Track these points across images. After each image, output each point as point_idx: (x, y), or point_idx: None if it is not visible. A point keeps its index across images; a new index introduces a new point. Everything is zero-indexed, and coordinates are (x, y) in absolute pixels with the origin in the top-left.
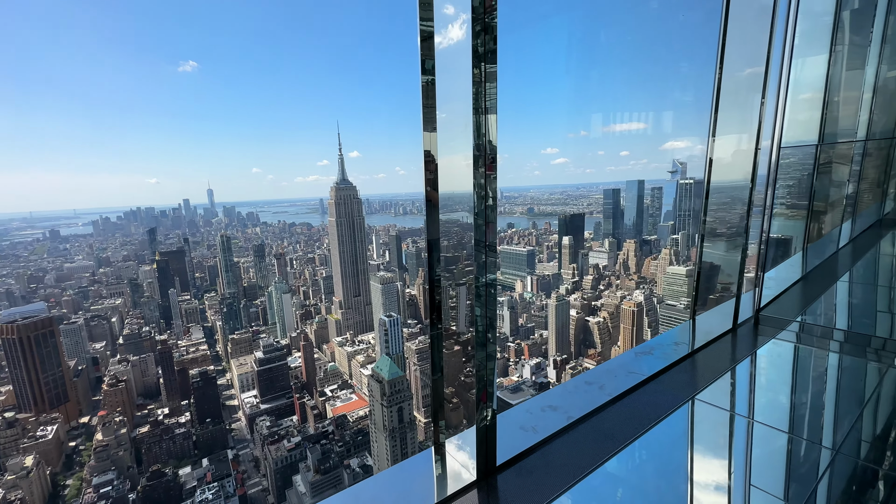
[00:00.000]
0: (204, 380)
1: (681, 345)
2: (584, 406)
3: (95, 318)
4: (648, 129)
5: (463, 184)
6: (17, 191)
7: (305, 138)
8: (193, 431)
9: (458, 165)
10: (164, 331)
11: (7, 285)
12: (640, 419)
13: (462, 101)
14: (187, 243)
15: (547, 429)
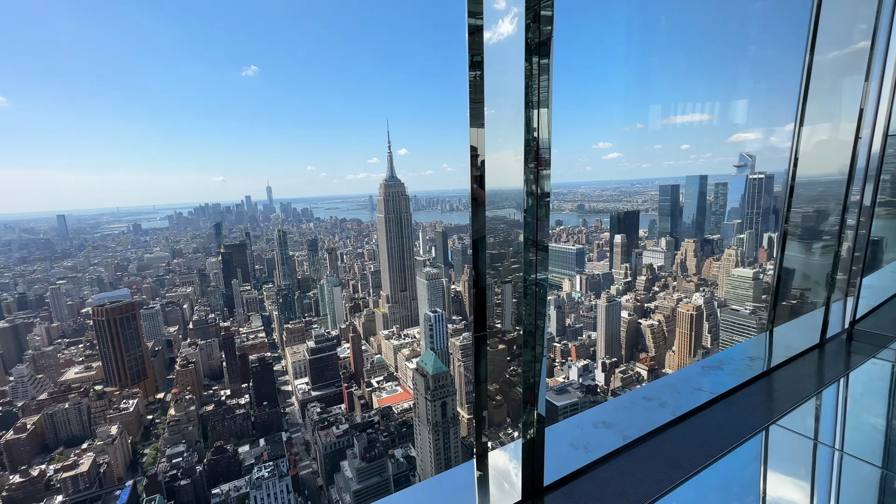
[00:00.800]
0: (262, 365)
1: (756, 360)
2: (642, 425)
3: (170, 304)
4: (713, 121)
5: (511, 180)
6: (107, 188)
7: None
8: (252, 413)
9: (506, 161)
10: (227, 318)
11: (98, 273)
12: (709, 444)
13: (511, 95)
14: (248, 237)
15: (600, 448)
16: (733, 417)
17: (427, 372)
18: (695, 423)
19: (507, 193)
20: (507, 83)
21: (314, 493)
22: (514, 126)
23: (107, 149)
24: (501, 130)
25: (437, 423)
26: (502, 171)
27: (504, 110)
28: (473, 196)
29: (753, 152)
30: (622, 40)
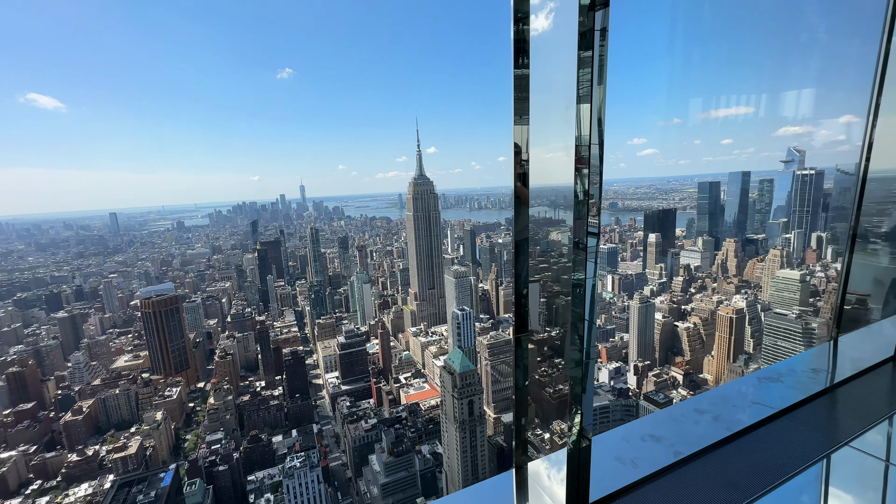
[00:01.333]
0: (294, 359)
1: (819, 372)
2: (695, 440)
3: (210, 298)
4: (759, 114)
5: (559, 178)
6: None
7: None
8: (285, 404)
9: (548, 159)
10: (262, 312)
11: (145, 267)
12: (771, 465)
13: (555, 91)
14: (283, 234)
15: (649, 463)
16: (797, 436)
17: (454, 370)
18: (753, 440)
19: (554, 191)
20: (551, 79)
21: (343, 485)
22: (564, 122)
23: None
24: (549, 127)
25: (464, 421)
26: (550, 168)
27: (546, 106)
28: (517, 195)
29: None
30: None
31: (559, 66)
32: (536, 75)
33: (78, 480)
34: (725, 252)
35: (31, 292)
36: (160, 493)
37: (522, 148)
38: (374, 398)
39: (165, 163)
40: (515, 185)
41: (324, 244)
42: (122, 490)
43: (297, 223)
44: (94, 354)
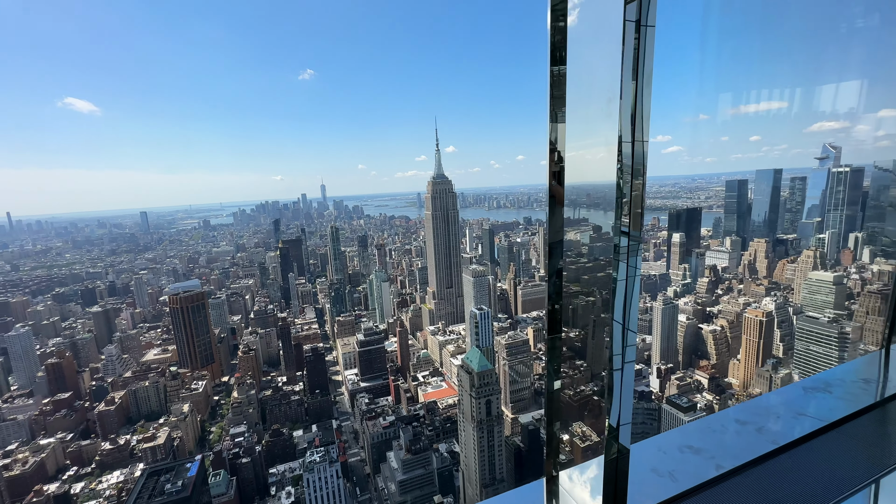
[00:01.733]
0: (315, 355)
1: (870, 383)
2: (738, 453)
3: (234, 294)
4: (793, 109)
5: (593, 176)
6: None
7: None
8: (305, 400)
9: (586, 157)
10: (284, 309)
11: (173, 264)
12: (821, 482)
13: (594, 88)
14: (304, 233)
15: (689, 477)
16: (847, 452)
17: (472, 369)
18: (801, 455)
19: (592, 189)
20: (595, 74)
21: (362, 480)
22: (604, 118)
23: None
24: (588, 125)
25: (482, 420)
26: (587, 166)
27: (581, 103)
28: (552, 194)
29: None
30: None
31: (599, 61)
32: (574, 72)
33: (111, 468)
34: (754, 252)
35: (68, 287)
36: (186, 482)
37: (558, 146)
38: (393, 395)
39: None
40: (550, 183)
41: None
42: (151, 478)
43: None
44: (126, 348)
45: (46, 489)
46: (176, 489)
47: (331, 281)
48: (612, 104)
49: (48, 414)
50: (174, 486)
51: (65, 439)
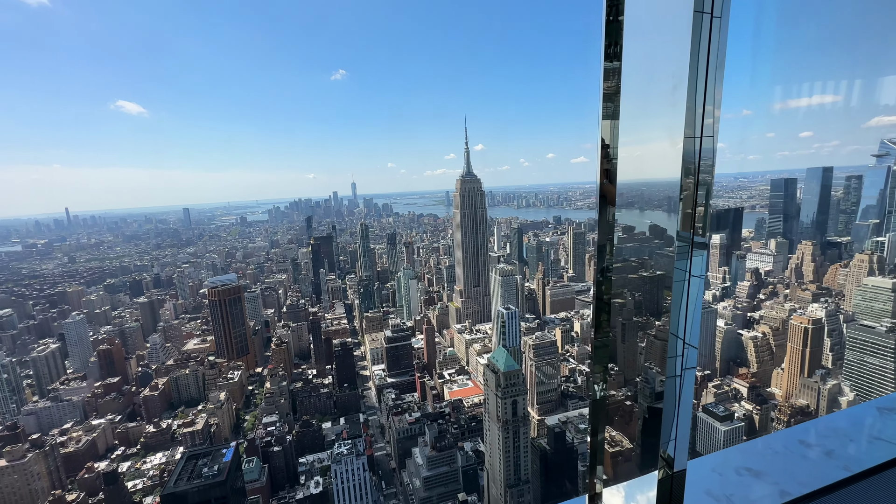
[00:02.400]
0: (344, 350)
1: None
2: (805, 479)
3: (268, 289)
4: (849, 102)
5: (651, 173)
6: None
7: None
8: (334, 393)
9: (641, 154)
10: (314, 304)
11: (213, 259)
12: None
13: (655, 82)
14: (335, 230)
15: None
16: None
17: (498, 369)
18: (878, 485)
19: (649, 187)
20: (657, 67)
21: (387, 475)
22: (667, 113)
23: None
24: (646, 121)
25: (507, 421)
26: (645, 163)
27: (650, 98)
28: (602, 193)
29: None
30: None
31: (662, 54)
32: (631, 67)
33: (154, 450)
34: (801, 256)
35: (117, 279)
36: (222, 467)
37: (611, 143)
38: (419, 392)
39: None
40: (601, 182)
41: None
42: (190, 462)
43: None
44: (169, 337)
45: (97, 466)
46: (212, 473)
47: (360, 277)
48: (677, 97)
49: (99, 396)
50: (210, 470)
51: (114, 421)
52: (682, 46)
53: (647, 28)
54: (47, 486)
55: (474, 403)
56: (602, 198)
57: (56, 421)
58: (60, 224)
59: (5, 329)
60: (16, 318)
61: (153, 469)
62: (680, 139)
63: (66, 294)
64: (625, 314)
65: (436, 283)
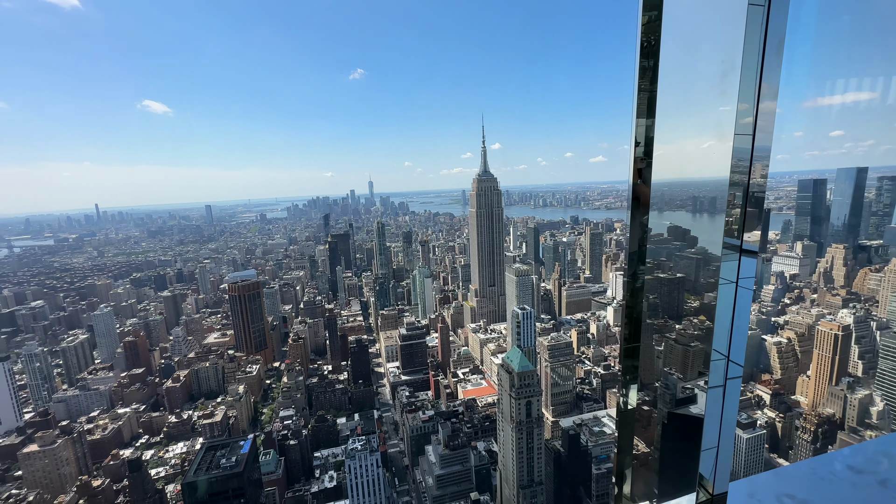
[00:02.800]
0: (359, 346)
1: None
2: None
3: (286, 285)
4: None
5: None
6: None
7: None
8: (349, 389)
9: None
10: (331, 301)
11: (233, 255)
12: None
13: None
14: (352, 228)
15: None
16: None
17: (513, 369)
18: None
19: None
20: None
21: (400, 471)
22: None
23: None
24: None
25: (521, 421)
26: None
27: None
28: (635, 195)
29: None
30: None
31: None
32: (669, 63)
33: (175, 439)
34: (830, 259)
35: (143, 273)
36: (240, 459)
37: (644, 142)
38: (432, 390)
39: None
40: (634, 183)
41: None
42: (209, 452)
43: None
44: (190, 330)
45: (122, 454)
46: (230, 464)
47: (376, 275)
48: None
49: (125, 386)
50: (229, 461)
51: (138, 410)
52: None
53: (690, 21)
54: (75, 471)
55: (488, 403)
56: (634, 199)
57: (84, 409)
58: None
59: (38, 320)
60: (47, 310)
61: (175, 458)
62: (730, 135)
63: (95, 287)
64: (658, 323)
65: (451, 282)
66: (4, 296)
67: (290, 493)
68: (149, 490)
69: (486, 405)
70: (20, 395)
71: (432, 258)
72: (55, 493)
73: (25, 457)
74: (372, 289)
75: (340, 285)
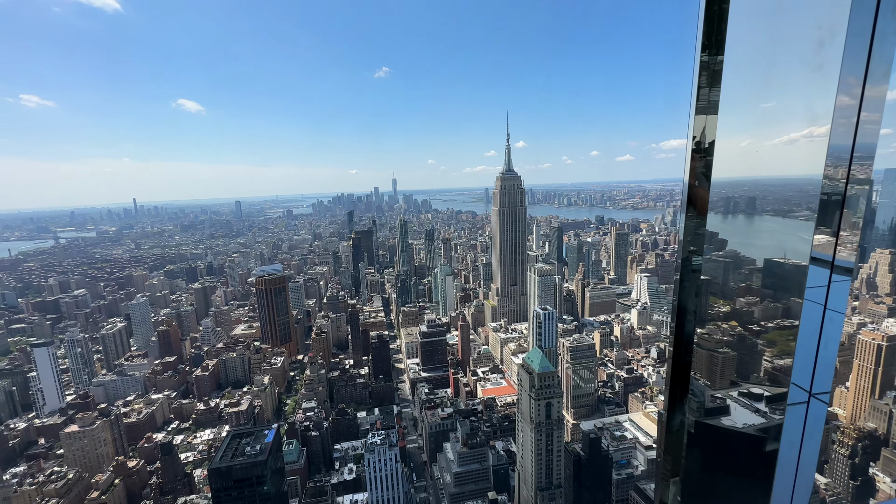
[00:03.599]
0: (380, 342)
1: None
2: None
3: (310, 280)
4: None
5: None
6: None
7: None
8: (369, 383)
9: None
10: (353, 296)
11: (260, 249)
12: None
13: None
14: (375, 225)
15: None
16: None
17: (533, 369)
18: None
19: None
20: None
21: (419, 468)
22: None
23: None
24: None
25: (541, 423)
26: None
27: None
28: (690, 198)
29: None
30: None
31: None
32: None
33: (203, 426)
34: (874, 265)
35: (176, 265)
36: (264, 447)
37: (707, 140)
38: (452, 388)
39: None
40: (690, 183)
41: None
42: (234, 440)
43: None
44: (219, 321)
45: (155, 437)
46: (255, 452)
47: (398, 272)
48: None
49: (158, 373)
50: (253, 449)
51: (170, 396)
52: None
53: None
54: (111, 451)
55: (507, 403)
56: (689, 202)
57: (121, 393)
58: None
59: (80, 307)
60: (89, 298)
61: (202, 444)
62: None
63: (133, 277)
64: (714, 337)
65: (472, 281)
66: (51, 284)
67: (311, 482)
68: (179, 473)
69: (505, 405)
70: (63, 378)
71: (454, 256)
72: (93, 471)
73: (67, 436)
74: (394, 285)
75: (363, 281)
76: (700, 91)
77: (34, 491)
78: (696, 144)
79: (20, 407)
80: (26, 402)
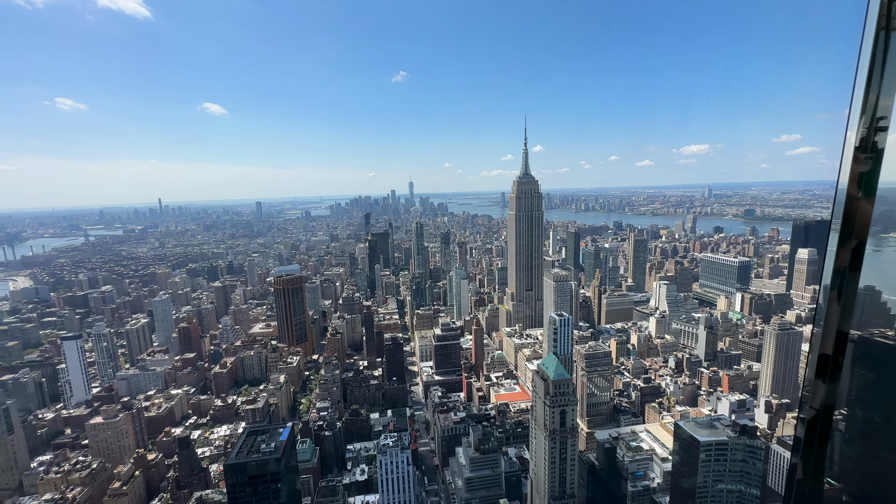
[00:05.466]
0: (394, 344)
1: None
2: None
3: (326, 281)
4: None
5: None
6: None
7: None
8: (383, 385)
9: None
10: (368, 298)
11: (279, 250)
12: None
13: None
14: (391, 227)
15: None
16: None
17: (548, 376)
18: None
19: None
20: None
21: (430, 470)
22: None
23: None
24: None
25: (555, 430)
26: None
27: None
28: (847, 208)
29: None
30: None
31: None
32: None
33: (220, 422)
34: None
35: (197, 264)
36: (278, 445)
37: (869, 140)
38: (465, 392)
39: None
40: (848, 191)
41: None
42: (250, 437)
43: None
44: (238, 320)
45: (173, 432)
46: (269, 450)
47: (413, 274)
48: None
49: (178, 369)
50: (268, 446)
51: (189, 392)
52: None
53: None
54: (133, 444)
55: (521, 409)
56: (845, 219)
57: (143, 387)
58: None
59: (107, 303)
60: (115, 294)
61: (219, 439)
62: None
63: (156, 275)
64: None
65: (487, 285)
66: (80, 279)
67: (323, 482)
68: (195, 467)
69: (518, 411)
70: (89, 371)
71: (469, 260)
72: (115, 462)
73: (92, 427)
74: (409, 288)
75: (378, 283)
76: (867, 92)
77: (60, 479)
78: (861, 144)
79: (48, 398)
80: (54, 393)
